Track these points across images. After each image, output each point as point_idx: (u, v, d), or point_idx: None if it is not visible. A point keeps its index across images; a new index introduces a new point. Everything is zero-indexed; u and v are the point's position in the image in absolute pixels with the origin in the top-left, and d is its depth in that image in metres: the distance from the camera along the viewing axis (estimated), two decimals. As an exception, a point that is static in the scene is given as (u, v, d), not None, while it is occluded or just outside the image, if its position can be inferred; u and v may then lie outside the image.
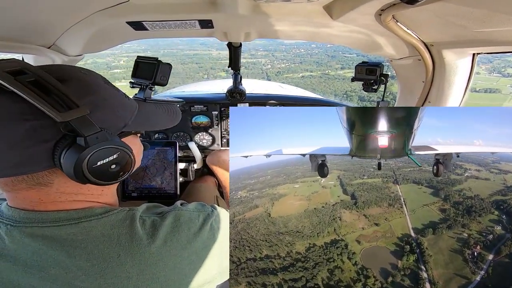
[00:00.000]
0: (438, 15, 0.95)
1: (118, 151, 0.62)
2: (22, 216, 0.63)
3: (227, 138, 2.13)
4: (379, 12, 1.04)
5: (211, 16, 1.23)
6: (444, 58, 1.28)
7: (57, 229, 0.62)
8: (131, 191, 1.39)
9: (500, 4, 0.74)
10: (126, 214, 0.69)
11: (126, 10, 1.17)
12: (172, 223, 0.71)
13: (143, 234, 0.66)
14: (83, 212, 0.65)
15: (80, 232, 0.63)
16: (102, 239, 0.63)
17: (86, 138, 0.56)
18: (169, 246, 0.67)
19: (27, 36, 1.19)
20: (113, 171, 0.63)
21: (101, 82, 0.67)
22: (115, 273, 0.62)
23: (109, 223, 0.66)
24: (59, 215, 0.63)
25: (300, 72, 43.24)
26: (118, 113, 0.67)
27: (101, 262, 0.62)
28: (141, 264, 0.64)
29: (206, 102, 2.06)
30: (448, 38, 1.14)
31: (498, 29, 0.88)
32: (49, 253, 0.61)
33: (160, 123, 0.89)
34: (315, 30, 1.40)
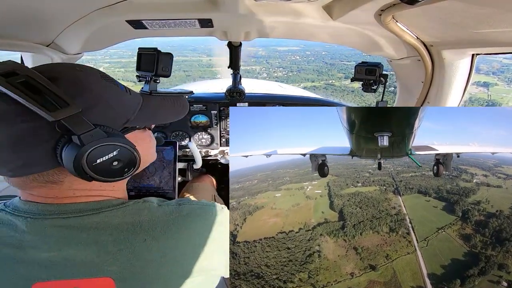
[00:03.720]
0: (438, 15, 0.95)
1: (117, 148, 0.62)
2: (40, 208, 0.64)
3: (226, 138, 2.13)
4: (379, 12, 1.04)
5: (211, 15, 1.23)
6: (443, 58, 1.29)
7: (80, 219, 0.64)
8: (129, 189, 1.38)
9: (499, 5, 0.74)
10: (143, 203, 0.72)
11: (126, 9, 1.16)
12: (189, 213, 0.74)
13: (164, 219, 0.70)
14: (102, 203, 0.68)
15: (102, 221, 0.65)
16: (125, 226, 0.66)
17: (80, 136, 0.56)
18: (188, 234, 0.72)
19: (26, 34, 1.19)
20: (116, 167, 0.63)
21: (97, 78, 0.66)
22: (142, 257, 0.65)
23: (129, 211, 0.69)
24: (79, 206, 0.65)
25: (301, 81, 40.76)
26: (118, 109, 0.67)
27: (129, 246, 0.65)
28: (165, 248, 0.67)
29: (205, 101, 2.06)
30: (448, 38, 1.14)
31: (497, 30, 0.88)
32: (74, 241, 0.63)
33: (168, 117, 0.89)
34: (315, 30, 1.40)
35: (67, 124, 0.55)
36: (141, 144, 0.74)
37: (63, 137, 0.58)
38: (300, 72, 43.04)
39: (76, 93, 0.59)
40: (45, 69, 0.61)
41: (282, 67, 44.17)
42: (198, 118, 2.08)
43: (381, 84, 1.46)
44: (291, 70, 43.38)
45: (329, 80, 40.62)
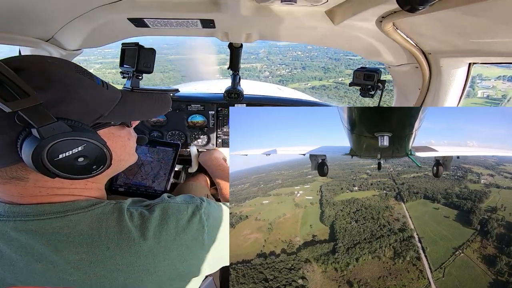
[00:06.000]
0: (438, 24, 0.97)
1: (82, 143, 0.58)
2: (6, 210, 0.61)
3: (222, 138, 2.13)
4: (380, 19, 1.06)
5: (213, 16, 1.23)
6: (441, 66, 1.31)
7: (42, 223, 0.61)
8: (119, 185, 1.37)
9: (498, 16, 0.76)
10: (114, 207, 0.68)
11: (129, 7, 1.16)
12: (161, 215, 0.70)
13: (132, 226, 0.66)
14: (68, 205, 0.64)
15: (66, 226, 0.62)
16: (90, 232, 0.62)
17: (39, 129, 0.53)
18: (158, 238, 0.67)
19: (26, 28, 1.17)
20: (83, 164, 0.60)
21: (70, 72, 0.63)
22: (104, 266, 0.62)
23: (96, 216, 0.65)
24: (43, 208, 0.62)
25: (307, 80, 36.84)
26: (91, 103, 0.64)
27: (90, 255, 0.61)
28: (130, 256, 0.63)
29: (203, 101, 2.05)
30: (446, 47, 1.16)
31: (495, 40, 0.90)
32: (35, 247, 0.60)
33: (147, 113, 0.85)
34: (316, 33, 1.41)
35: (26, 116, 0.52)
36: (117, 141, 0.71)
37: (24, 130, 0.55)
38: (305, 70, 39.94)
39: (44, 85, 0.57)
40: (14, 59, 0.59)
41: (284, 64, 41.30)
42: (196, 118, 2.08)
43: (379, 89, 1.48)
44: (295, 67, 40.37)
45: (338, 78, 36.78)
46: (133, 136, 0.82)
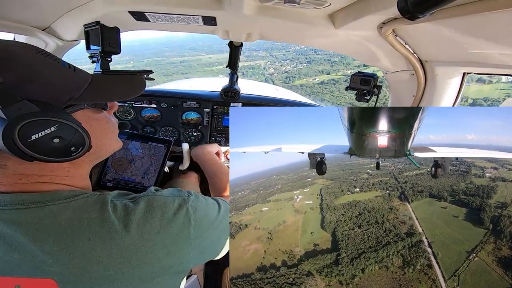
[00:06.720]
0: (436, 33, 0.99)
1: (55, 123, 0.58)
2: None
3: (215, 136, 2.13)
4: (380, 25, 1.08)
5: (215, 14, 1.23)
6: (436, 75, 1.34)
7: (21, 212, 0.60)
8: (108, 180, 1.34)
9: (496, 28, 0.78)
10: (97, 198, 0.67)
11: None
12: (145, 208, 0.69)
13: (115, 218, 0.65)
14: (50, 195, 0.63)
15: (46, 216, 0.61)
16: (71, 223, 0.61)
17: (3, 110, 0.52)
18: (142, 231, 0.66)
19: (23, 16, 1.15)
20: (59, 145, 0.60)
21: (33, 53, 0.62)
22: (85, 257, 0.61)
23: (78, 207, 0.64)
24: (23, 197, 0.61)
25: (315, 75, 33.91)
26: (59, 85, 0.63)
27: (70, 246, 0.60)
28: (112, 248, 0.62)
29: (199, 99, 2.04)
30: (443, 56, 1.19)
31: (491, 51, 0.93)
32: (13, 237, 0.59)
33: (120, 94, 0.82)
34: (316, 36, 1.42)
35: None
36: (95, 125, 0.71)
37: None
38: (311, 64, 37.95)
39: (5, 66, 0.56)
40: None
41: (288, 59, 39.58)
42: (190, 115, 2.07)
43: (375, 95, 1.50)
44: (300, 62, 38.39)
45: (347, 70, 34.12)
46: (113, 121, 0.82)
